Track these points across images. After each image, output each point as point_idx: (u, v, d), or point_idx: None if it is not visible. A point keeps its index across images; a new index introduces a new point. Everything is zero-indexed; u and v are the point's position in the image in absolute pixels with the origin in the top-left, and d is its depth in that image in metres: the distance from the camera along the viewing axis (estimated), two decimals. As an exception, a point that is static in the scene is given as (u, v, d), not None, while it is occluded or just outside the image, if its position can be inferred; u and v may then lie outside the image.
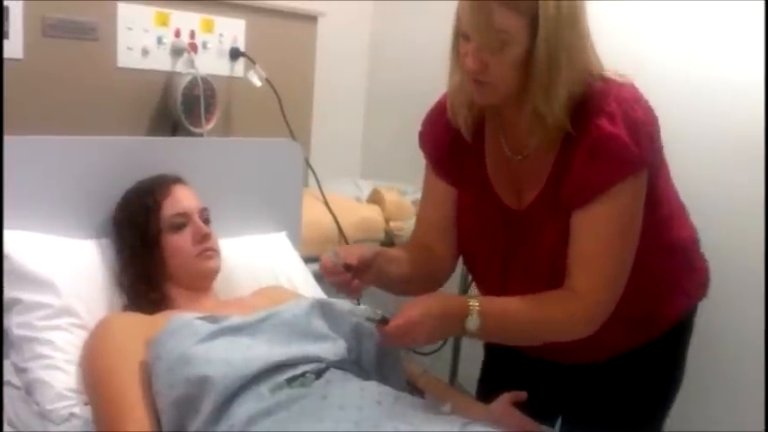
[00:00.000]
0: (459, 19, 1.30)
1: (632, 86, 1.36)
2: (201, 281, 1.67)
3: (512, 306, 1.34)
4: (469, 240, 1.53)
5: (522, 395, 1.43)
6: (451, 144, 1.48)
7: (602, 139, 1.29)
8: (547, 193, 1.38)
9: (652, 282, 1.44)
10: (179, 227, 1.65)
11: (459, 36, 1.32)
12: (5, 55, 1.94)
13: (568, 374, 1.56)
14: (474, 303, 1.29)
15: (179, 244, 1.65)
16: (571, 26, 1.26)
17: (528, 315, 1.33)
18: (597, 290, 1.33)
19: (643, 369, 1.53)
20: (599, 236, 1.32)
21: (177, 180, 1.73)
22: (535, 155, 1.39)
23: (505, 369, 1.69)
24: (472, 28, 1.26)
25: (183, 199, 1.68)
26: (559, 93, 1.27)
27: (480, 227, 1.50)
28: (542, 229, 1.39)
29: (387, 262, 1.42)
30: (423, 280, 1.51)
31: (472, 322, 1.28)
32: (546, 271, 1.39)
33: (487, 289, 1.55)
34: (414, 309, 1.28)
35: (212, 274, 1.69)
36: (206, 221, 1.70)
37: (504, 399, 1.43)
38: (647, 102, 1.35)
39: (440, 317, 1.28)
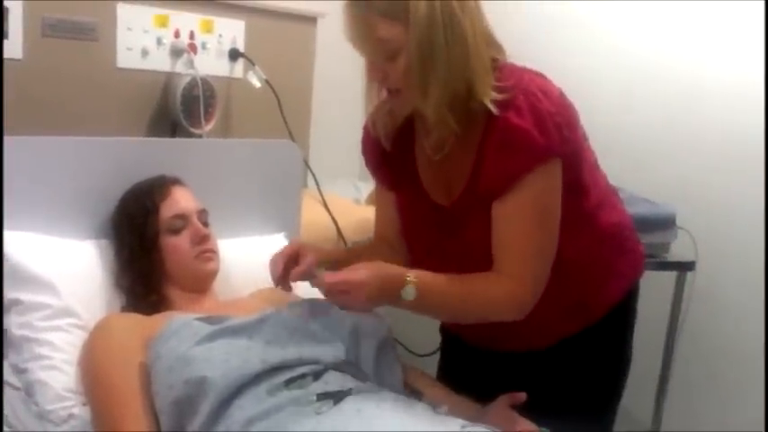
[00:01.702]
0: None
1: (541, 78, 1.39)
2: (200, 282, 1.68)
3: (445, 281, 1.39)
4: (409, 238, 1.60)
5: (521, 396, 1.44)
6: (384, 150, 1.53)
7: (509, 131, 1.33)
8: (470, 188, 1.43)
9: (586, 267, 1.49)
10: (177, 228, 1.65)
11: None
12: (5, 55, 1.94)
13: (518, 363, 1.59)
14: (411, 274, 1.34)
15: (177, 245, 1.65)
16: (447, 26, 1.29)
17: (460, 290, 1.39)
18: (520, 274, 1.38)
19: (589, 353, 1.58)
20: (516, 223, 1.38)
21: (175, 181, 1.73)
22: (454, 153, 1.43)
23: (459, 362, 1.74)
24: (357, 44, 1.33)
25: (181, 200, 1.68)
26: (435, 92, 1.32)
27: (416, 225, 1.56)
28: (470, 224, 1.44)
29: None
30: None
31: (408, 292, 1.34)
32: (476, 263, 1.42)
33: None
34: (357, 270, 1.33)
35: (211, 275, 1.69)
36: (204, 223, 1.70)
37: (502, 400, 1.44)
38: (559, 91, 1.38)
39: (380, 281, 1.34)
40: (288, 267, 1.45)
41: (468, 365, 1.53)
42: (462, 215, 1.45)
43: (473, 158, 1.41)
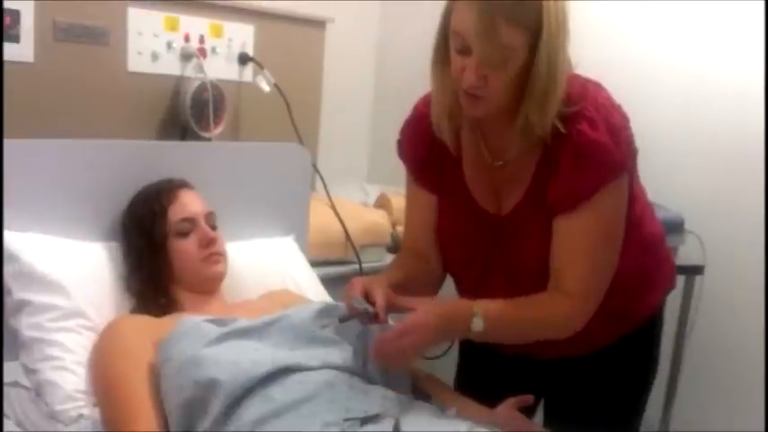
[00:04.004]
0: (456, 33, 1.28)
1: (602, 88, 1.38)
2: (208, 285, 1.68)
3: (510, 309, 1.36)
4: (449, 246, 1.55)
5: (528, 399, 1.44)
6: (430, 152, 1.50)
7: (586, 144, 1.31)
8: (530, 198, 1.40)
9: (628, 277, 1.46)
10: (185, 232, 1.66)
11: (449, 48, 1.31)
12: (16, 59, 1.96)
13: (547, 370, 1.57)
14: (477, 307, 1.32)
15: (185, 249, 1.65)
16: (564, 39, 1.27)
17: (524, 316, 1.37)
18: (583, 291, 1.36)
19: (621, 362, 1.56)
20: (584, 239, 1.35)
21: (183, 185, 1.74)
22: (516, 160, 1.41)
23: (483, 368, 1.70)
24: (479, 45, 1.24)
25: (188, 204, 1.69)
26: (554, 104, 1.29)
27: (459, 232, 1.52)
28: (526, 234, 1.41)
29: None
30: (418, 288, 1.52)
31: (477, 324, 1.31)
32: (529, 274, 1.41)
33: (468, 294, 1.57)
34: (418, 314, 1.29)
35: (218, 278, 1.70)
36: (212, 226, 1.70)
37: (509, 403, 1.44)
38: (619, 105, 1.37)
39: (445, 320, 1.31)
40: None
41: (493, 372, 1.50)
42: (518, 226, 1.42)
43: (534, 167, 1.38)
